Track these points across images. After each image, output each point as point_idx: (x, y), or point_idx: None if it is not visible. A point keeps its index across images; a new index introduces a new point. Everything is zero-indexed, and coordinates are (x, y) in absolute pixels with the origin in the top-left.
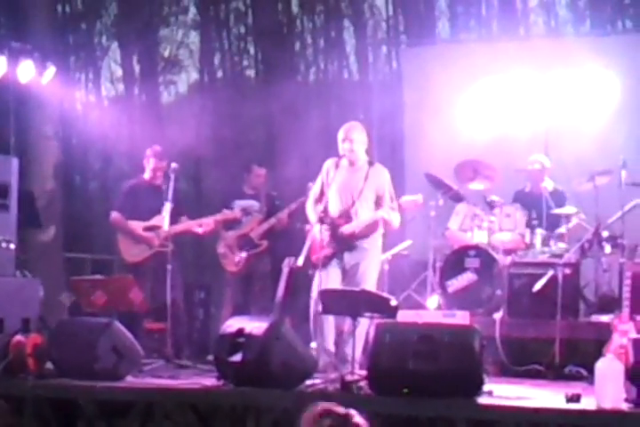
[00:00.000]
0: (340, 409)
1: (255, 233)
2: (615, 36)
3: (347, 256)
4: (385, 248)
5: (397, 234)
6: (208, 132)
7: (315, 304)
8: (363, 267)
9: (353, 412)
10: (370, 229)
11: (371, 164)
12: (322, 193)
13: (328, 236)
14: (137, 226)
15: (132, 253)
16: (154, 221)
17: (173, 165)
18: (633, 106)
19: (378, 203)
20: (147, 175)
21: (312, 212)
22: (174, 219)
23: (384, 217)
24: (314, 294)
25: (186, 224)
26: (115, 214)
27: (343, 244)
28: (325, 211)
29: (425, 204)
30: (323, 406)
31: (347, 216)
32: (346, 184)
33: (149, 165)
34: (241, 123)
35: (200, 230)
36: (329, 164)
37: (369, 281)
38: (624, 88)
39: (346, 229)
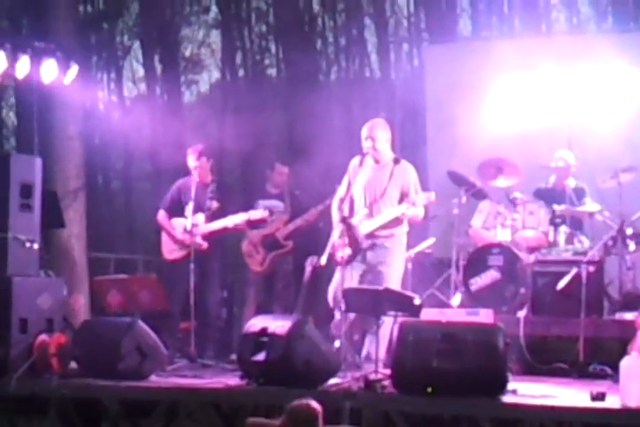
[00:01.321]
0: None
1: (281, 233)
2: (638, 33)
3: (369, 255)
4: (408, 246)
5: (420, 232)
6: (230, 131)
7: (334, 301)
8: (385, 266)
9: None
10: (392, 228)
11: (396, 161)
12: (348, 192)
13: (350, 235)
14: (178, 226)
15: (169, 251)
16: (193, 220)
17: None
18: None
19: (403, 200)
20: (194, 175)
21: (336, 211)
22: (220, 218)
23: (404, 213)
24: (331, 289)
25: (218, 223)
26: (160, 213)
27: (365, 243)
28: (350, 210)
29: (448, 201)
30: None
31: (370, 214)
32: (371, 182)
33: (192, 163)
34: (263, 122)
35: (231, 226)
36: (355, 162)
37: (392, 280)
38: None
39: (364, 226)
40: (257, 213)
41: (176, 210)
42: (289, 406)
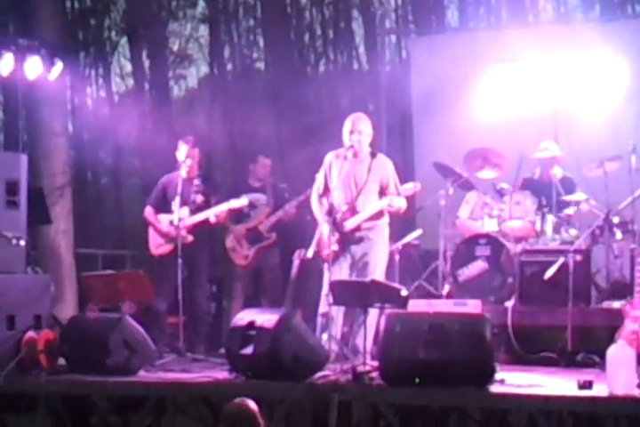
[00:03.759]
0: None
1: (263, 226)
2: (625, 21)
3: (354, 248)
4: (395, 238)
5: (408, 224)
6: (219, 125)
7: (325, 298)
8: (370, 257)
9: None
10: (375, 220)
11: (373, 155)
12: (326, 187)
13: (335, 231)
14: (164, 220)
15: (156, 246)
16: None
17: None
18: None
19: (382, 193)
20: (182, 168)
21: (317, 207)
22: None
23: (390, 204)
24: (324, 288)
25: (200, 215)
26: (147, 209)
27: (349, 237)
28: (331, 206)
29: (435, 193)
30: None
31: (352, 209)
32: (349, 176)
33: (184, 154)
34: (251, 115)
35: (213, 219)
36: (330, 156)
37: (377, 271)
38: (633, 73)
39: (350, 223)
40: (237, 203)
41: (162, 206)
42: (224, 409)
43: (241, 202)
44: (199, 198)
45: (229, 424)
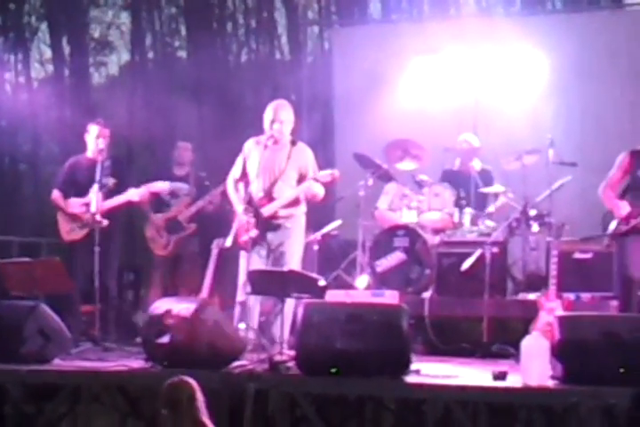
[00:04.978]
0: None
1: (183, 216)
2: (544, 16)
3: (270, 236)
4: (314, 228)
5: (327, 214)
6: (140, 113)
7: (243, 287)
8: (286, 246)
9: None
10: (292, 207)
11: (293, 143)
12: (243, 174)
13: (252, 218)
14: (75, 204)
15: (67, 231)
16: (88, 199)
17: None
18: (561, 85)
19: (301, 181)
20: (93, 150)
21: (234, 192)
22: (117, 194)
23: (309, 187)
24: (241, 277)
25: (118, 198)
26: (54, 192)
27: (266, 224)
28: (249, 193)
29: (354, 183)
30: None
31: (269, 196)
32: (268, 164)
33: (95, 136)
34: (172, 104)
35: (137, 198)
36: (250, 143)
37: (293, 261)
38: (552, 68)
39: (267, 209)
40: (157, 186)
41: (71, 189)
42: (163, 387)
43: (162, 186)
44: (111, 181)
45: (166, 402)
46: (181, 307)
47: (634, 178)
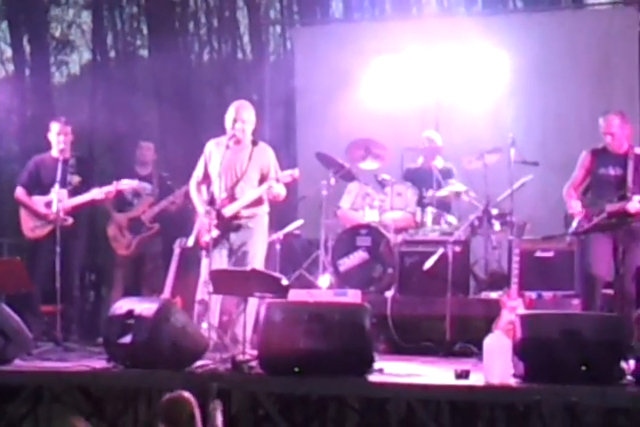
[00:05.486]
0: None
1: (146, 216)
2: (505, 16)
3: (233, 236)
4: (277, 228)
5: (289, 213)
6: (101, 112)
7: (204, 286)
8: (249, 246)
9: None
10: (254, 207)
11: (254, 143)
12: (205, 175)
13: (214, 220)
14: (39, 201)
15: (30, 228)
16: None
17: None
18: (522, 85)
19: (263, 181)
20: (53, 149)
21: (196, 194)
22: (82, 192)
23: (270, 187)
24: (202, 276)
25: (82, 196)
26: (18, 189)
27: (228, 225)
28: (211, 193)
29: (317, 183)
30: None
31: (231, 196)
32: (230, 164)
33: (57, 133)
34: (134, 103)
35: (102, 195)
36: (211, 145)
37: (256, 260)
38: (514, 67)
39: (229, 209)
40: (123, 184)
41: (35, 186)
42: (161, 401)
43: (130, 183)
44: (75, 179)
45: (165, 417)
46: (143, 307)
47: (595, 176)
